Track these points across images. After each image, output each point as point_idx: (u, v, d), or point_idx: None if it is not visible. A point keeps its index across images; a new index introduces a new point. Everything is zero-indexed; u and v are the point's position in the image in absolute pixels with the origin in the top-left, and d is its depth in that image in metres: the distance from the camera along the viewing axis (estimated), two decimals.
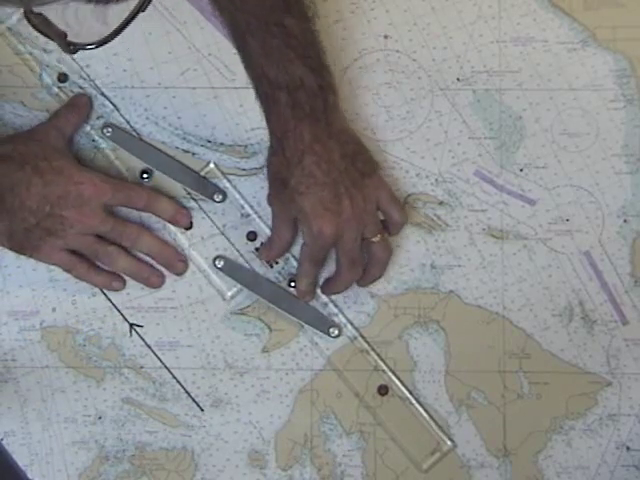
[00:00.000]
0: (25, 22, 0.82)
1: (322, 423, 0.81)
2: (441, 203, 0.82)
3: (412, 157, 0.82)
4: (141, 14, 0.82)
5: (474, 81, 0.82)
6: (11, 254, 0.81)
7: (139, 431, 0.81)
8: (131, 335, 0.81)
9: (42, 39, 0.82)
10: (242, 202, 0.82)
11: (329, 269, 0.80)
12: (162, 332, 0.81)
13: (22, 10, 0.54)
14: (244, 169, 0.82)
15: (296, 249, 0.80)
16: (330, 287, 0.80)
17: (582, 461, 0.80)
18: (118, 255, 0.80)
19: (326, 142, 0.74)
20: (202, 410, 0.81)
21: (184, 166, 0.82)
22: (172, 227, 0.82)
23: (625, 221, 0.81)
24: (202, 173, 0.82)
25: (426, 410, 0.80)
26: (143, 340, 0.81)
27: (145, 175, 0.82)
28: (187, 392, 0.81)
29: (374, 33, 0.82)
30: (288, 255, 0.81)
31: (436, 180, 0.82)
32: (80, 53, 0.83)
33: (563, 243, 0.81)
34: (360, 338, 0.81)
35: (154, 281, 0.81)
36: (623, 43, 0.82)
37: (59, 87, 0.83)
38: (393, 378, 0.80)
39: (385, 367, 0.80)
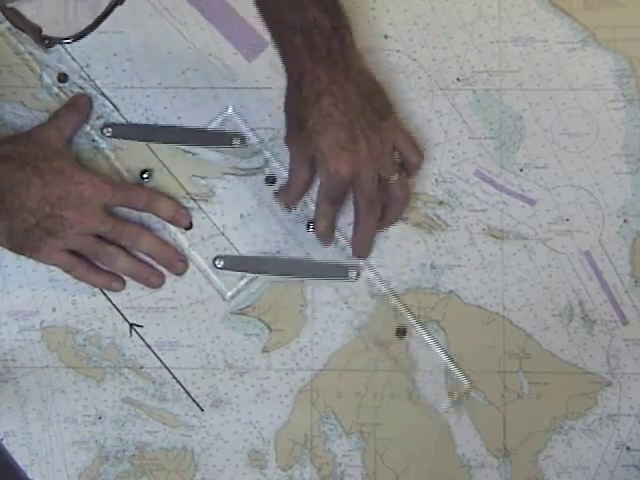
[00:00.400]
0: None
1: (322, 423, 0.81)
2: (441, 203, 0.82)
3: None
4: (142, 14, 0.82)
5: (474, 81, 0.82)
6: (11, 254, 0.81)
7: (139, 431, 0.81)
8: (131, 335, 0.82)
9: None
10: (260, 146, 0.82)
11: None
12: (162, 332, 0.81)
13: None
14: (244, 169, 0.82)
15: (314, 194, 0.79)
16: (354, 239, 0.79)
17: (582, 461, 0.80)
18: (118, 255, 0.80)
19: (343, 83, 0.74)
20: (202, 410, 0.81)
21: (189, 128, 0.82)
22: (172, 227, 0.82)
23: (625, 221, 0.81)
24: (220, 119, 0.82)
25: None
26: (143, 340, 0.81)
27: (145, 175, 0.82)
28: (187, 392, 0.81)
29: (374, 33, 0.82)
30: (306, 199, 0.81)
31: (436, 180, 0.82)
32: (80, 53, 0.83)
33: (563, 243, 0.81)
34: (378, 281, 0.81)
35: (154, 281, 0.81)
36: (623, 43, 0.82)
37: (59, 87, 0.83)
38: (412, 321, 0.80)
39: (404, 310, 0.80)
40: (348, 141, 0.74)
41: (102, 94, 0.83)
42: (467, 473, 0.80)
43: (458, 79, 0.82)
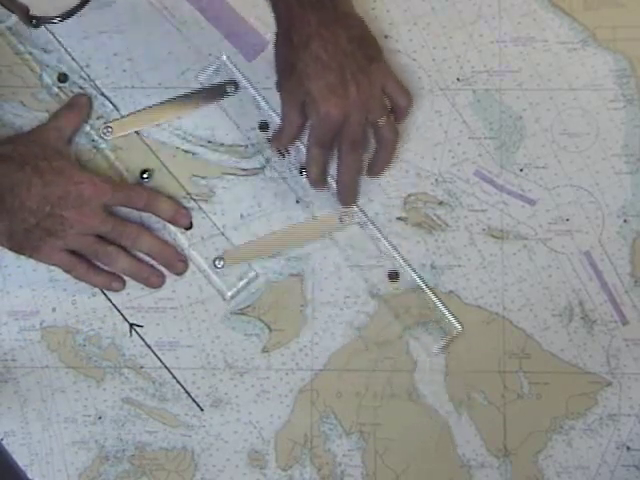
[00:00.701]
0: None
1: (322, 423, 0.81)
2: (441, 203, 0.82)
3: (412, 157, 0.82)
4: (142, 14, 0.82)
5: (474, 81, 0.82)
6: (11, 254, 0.81)
7: (139, 431, 0.81)
8: (131, 335, 0.81)
9: (42, 39, 0.83)
10: (253, 92, 0.82)
11: None
12: (162, 332, 0.81)
13: None
14: (244, 169, 0.82)
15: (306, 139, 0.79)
16: (338, 185, 0.79)
17: (582, 461, 0.80)
18: (118, 255, 0.80)
19: (333, 26, 0.75)
20: (202, 410, 0.81)
21: (181, 95, 0.83)
22: (172, 227, 0.82)
23: (625, 221, 0.81)
24: (214, 66, 0.82)
25: (436, 295, 0.81)
26: (143, 340, 0.81)
27: (145, 175, 0.82)
28: (187, 392, 0.81)
29: (374, 33, 0.82)
30: (300, 146, 0.81)
31: (436, 180, 0.82)
32: (80, 53, 0.83)
33: (563, 243, 0.81)
34: (370, 224, 0.81)
35: (154, 281, 0.81)
36: (623, 43, 0.82)
37: (59, 87, 0.83)
38: (403, 264, 0.81)
39: (396, 255, 0.81)
40: (338, 84, 0.74)
41: (102, 94, 0.83)
42: (467, 473, 0.80)
43: (458, 79, 0.82)
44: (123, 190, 0.80)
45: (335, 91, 0.74)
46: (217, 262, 0.81)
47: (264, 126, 0.82)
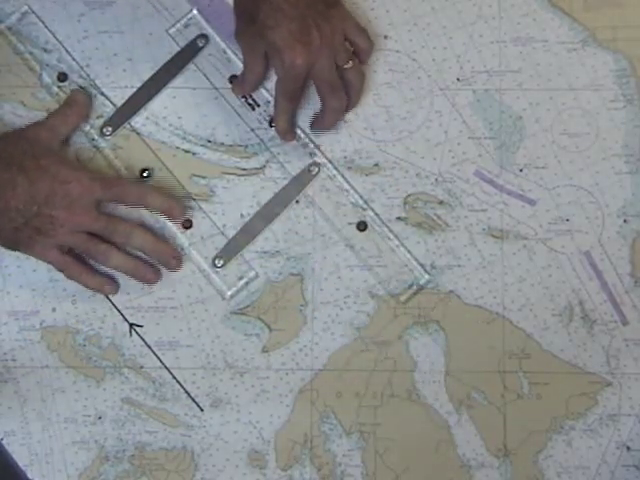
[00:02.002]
0: (25, 22, 0.83)
1: (322, 423, 0.81)
2: (441, 203, 0.82)
3: (412, 157, 0.82)
4: (142, 14, 0.82)
5: (474, 81, 0.82)
6: (12, 254, 0.81)
7: (139, 431, 0.81)
8: (131, 335, 0.81)
9: (42, 39, 0.83)
10: (223, 45, 0.83)
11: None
12: (162, 332, 0.81)
13: (22, 10, 0.54)
14: (244, 169, 0.82)
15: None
16: (320, 121, 0.81)
17: (582, 461, 0.80)
18: (111, 252, 0.79)
19: None
20: (202, 410, 0.81)
21: (156, 71, 0.83)
22: (173, 227, 0.82)
23: (625, 221, 0.81)
24: (184, 20, 0.83)
25: (404, 245, 0.81)
26: (143, 340, 0.81)
27: (145, 174, 0.82)
28: (187, 392, 0.81)
29: (374, 33, 0.82)
30: (269, 98, 0.82)
31: (436, 180, 0.82)
32: (80, 53, 0.83)
33: (563, 243, 0.81)
34: (339, 176, 0.82)
35: (150, 277, 0.81)
36: (623, 43, 0.82)
37: (59, 87, 0.83)
38: (371, 214, 0.81)
39: (362, 202, 0.81)
40: (300, 32, 0.75)
41: (102, 94, 0.83)
42: (467, 473, 0.80)
43: (458, 79, 0.82)
44: (113, 186, 0.79)
45: (299, 39, 0.75)
46: (216, 261, 0.81)
47: (232, 79, 0.83)
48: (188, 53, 0.83)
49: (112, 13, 0.83)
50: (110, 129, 0.82)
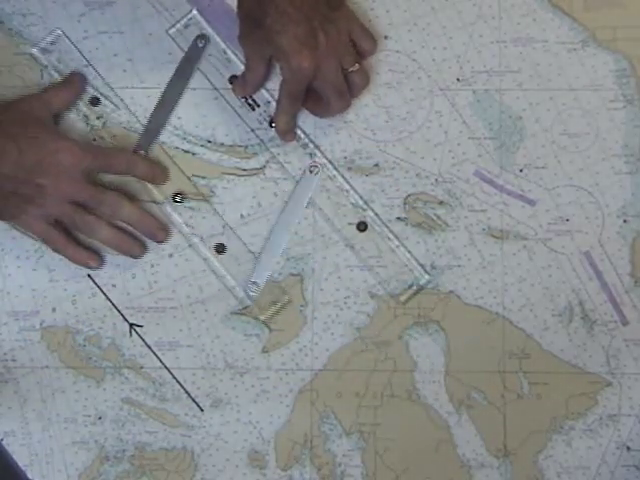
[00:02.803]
0: (25, 22, 0.83)
1: (322, 423, 0.81)
2: (441, 203, 0.82)
3: (412, 157, 0.82)
4: (142, 14, 0.82)
5: (474, 81, 0.82)
6: (12, 254, 0.81)
7: (139, 431, 0.81)
8: (131, 335, 0.81)
9: (42, 39, 0.83)
10: (223, 46, 0.83)
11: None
12: (162, 332, 0.81)
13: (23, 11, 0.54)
14: (244, 169, 0.82)
15: (276, 94, 0.80)
16: (321, 113, 0.81)
17: (582, 461, 0.80)
18: (99, 224, 0.79)
19: None
20: (202, 410, 0.81)
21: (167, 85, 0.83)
22: (207, 252, 0.81)
23: (625, 221, 0.81)
24: (184, 20, 0.83)
25: (404, 245, 0.81)
26: (143, 340, 0.81)
27: (178, 198, 0.82)
28: (187, 392, 0.81)
29: (374, 33, 0.82)
30: (269, 99, 0.82)
31: (436, 180, 0.82)
32: (80, 53, 0.83)
33: (563, 243, 0.81)
34: (339, 176, 0.82)
35: (136, 251, 0.81)
36: (623, 43, 0.82)
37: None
38: (371, 214, 0.81)
39: (362, 202, 0.81)
40: (307, 36, 0.75)
41: (102, 94, 0.83)
42: (467, 473, 0.80)
43: (458, 79, 0.82)
44: (102, 156, 0.79)
45: (305, 42, 0.75)
46: (250, 288, 0.81)
47: (233, 80, 0.83)
48: (191, 56, 0.83)
49: (112, 13, 0.83)
50: (143, 152, 0.82)
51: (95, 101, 0.82)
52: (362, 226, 0.82)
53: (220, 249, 0.82)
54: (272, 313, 0.81)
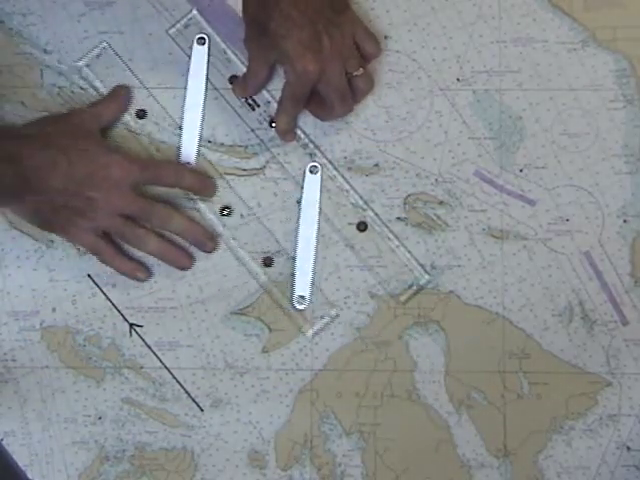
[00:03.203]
0: (25, 22, 0.83)
1: (322, 423, 0.81)
2: (441, 203, 0.82)
3: (412, 157, 0.82)
4: (142, 14, 0.82)
5: (474, 81, 0.82)
6: (12, 254, 0.81)
7: (139, 431, 0.81)
8: (131, 335, 0.81)
9: (42, 39, 0.83)
10: (223, 46, 0.83)
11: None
12: (162, 332, 0.81)
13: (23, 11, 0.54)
14: (244, 169, 0.82)
15: (277, 94, 0.81)
16: (323, 116, 0.81)
17: (582, 461, 0.80)
18: (147, 237, 0.79)
19: None
20: (202, 410, 0.81)
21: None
22: (253, 264, 0.81)
23: (625, 221, 0.81)
24: (184, 20, 0.83)
25: (404, 245, 0.81)
26: (143, 340, 0.81)
27: (225, 212, 0.81)
28: (187, 392, 0.81)
29: (374, 33, 0.82)
30: (270, 99, 0.82)
31: (436, 180, 0.82)
32: (80, 53, 0.83)
33: (563, 243, 0.81)
34: (339, 176, 0.82)
35: (183, 262, 0.81)
36: (623, 43, 0.82)
37: (59, 87, 0.83)
38: (371, 214, 0.81)
39: (362, 202, 0.81)
40: (311, 40, 0.75)
41: (102, 94, 0.83)
42: (467, 473, 0.80)
43: (458, 79, 0.82)
44: (151, 168, 0.79)
45: (309, 47, 0.75)
46: (297, 301, 0.81)
47: (233, 80, 0.83)
48: (199, 58, 0.83)
49: (112, 13, 0.83)
50: (190, 164, 0.82)
51: (141, 113, 0.82)
52: (362, 226, 0.82)
53: (268, 262, 0.81)
54: (319, 328, 0.81)
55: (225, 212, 0.82)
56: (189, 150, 0.82)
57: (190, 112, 0.82)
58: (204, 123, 0.83)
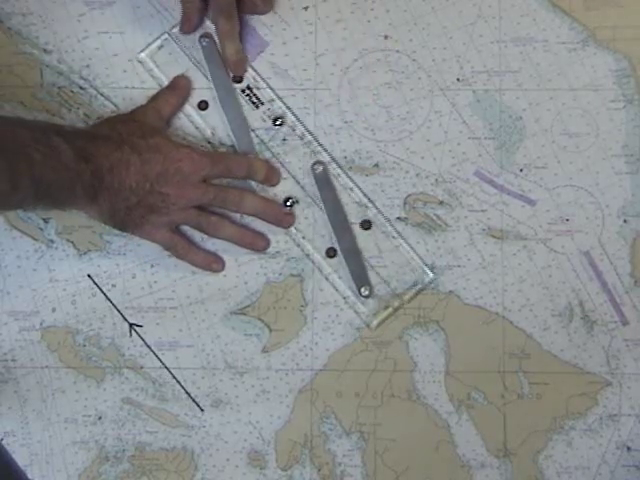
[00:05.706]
0: (25, 22, 0.83)
1: (322, 423, 0.81)
2: (441, 203, 0.82)
3: (412, 157, 0.82)
4: (142, 14, 0.82)
5: (474, 81, 0.82)
6: (12, 254, 0.81)
7: (139, 431, 0.81)
8: (131, 335, 0.82)
9: (42, 39, 0.83)
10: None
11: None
12: (162, 332, 0.81)
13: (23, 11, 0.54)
14: None
15: (281, 93, 0.81)
16: (227, 60, 0.82)
17: (582, 461, 0.80)
18: (222, 223, 0.80)
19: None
20: (202, 410, 0.81)
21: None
22: (316, 254, 0.81)
23: (625, 221, 0.81)
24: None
25: (408, 243, 0.81)
26: (143, 340, 0.81)
27: (289, 203, 0.81)
28: (187, 392, 0.81)
29: (374, 33, 0.82)
30: (273, 97, 0.82)
31: (436, 180, 0.82)
32: (80, 53, 0.83)
33: (563, 243, 0.81)
34: (343, 175, 0.82)
35: (260, 244, 0.81)
36: (623, 43, 0.82)
37: (59, 87, 0.83)
38: (375, 212, 0.81)
39: (367, 201, 0.81)
40: None
41: (102, 94, 0.83)
42: (467, 473, 0.80)
43: (458, 79, 0.82)
44: (222, 161, 0.80)
45: None
46: (363, 290, 0.81)
47: (203, 105, 0.82)
48: (210, 56, 0.83)
49: (112, 13, 0.83)
50: (254, 155, 0.82)
51: (204, 105, 0.82)
52: (366, 225, 0.82)
53: (331, 253, 0.81)
54: (383, 318, 0.81)
55: (289, 203, 0.82)
56: (244, 140, 0.82)
57: (228, 106, 0.82)
58: (204, 123, 0.83)
